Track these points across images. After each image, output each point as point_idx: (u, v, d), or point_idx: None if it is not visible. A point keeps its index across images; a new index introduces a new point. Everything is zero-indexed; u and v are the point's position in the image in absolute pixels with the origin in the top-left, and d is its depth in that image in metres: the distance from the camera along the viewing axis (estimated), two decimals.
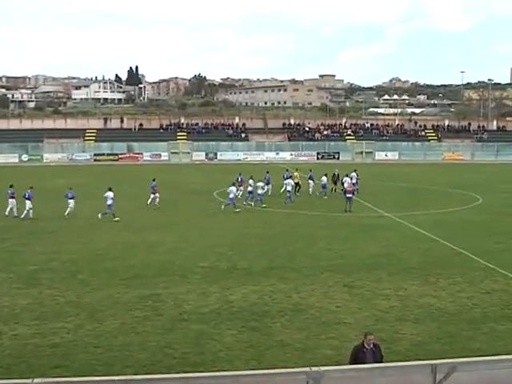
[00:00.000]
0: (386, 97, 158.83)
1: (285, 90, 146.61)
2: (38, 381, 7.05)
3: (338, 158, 73.02)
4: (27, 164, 66.83)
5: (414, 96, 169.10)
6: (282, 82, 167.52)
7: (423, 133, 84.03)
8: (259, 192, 34.03)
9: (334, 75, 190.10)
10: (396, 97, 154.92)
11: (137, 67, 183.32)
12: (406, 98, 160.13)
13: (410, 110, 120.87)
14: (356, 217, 30.45)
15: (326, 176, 38.57)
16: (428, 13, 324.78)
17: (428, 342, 13.52)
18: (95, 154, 71.56)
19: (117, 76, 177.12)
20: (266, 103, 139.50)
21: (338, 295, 16.91)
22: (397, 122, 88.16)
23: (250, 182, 35.12)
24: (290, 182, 36.11)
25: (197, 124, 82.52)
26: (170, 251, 22.47)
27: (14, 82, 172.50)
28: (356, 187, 37.35)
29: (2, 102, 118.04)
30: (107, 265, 20.28)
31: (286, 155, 73.80)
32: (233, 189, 32.32)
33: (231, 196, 31.87)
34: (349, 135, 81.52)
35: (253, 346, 13.24)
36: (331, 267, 19.97)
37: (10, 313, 15.34)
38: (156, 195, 33.53)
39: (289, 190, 35.44)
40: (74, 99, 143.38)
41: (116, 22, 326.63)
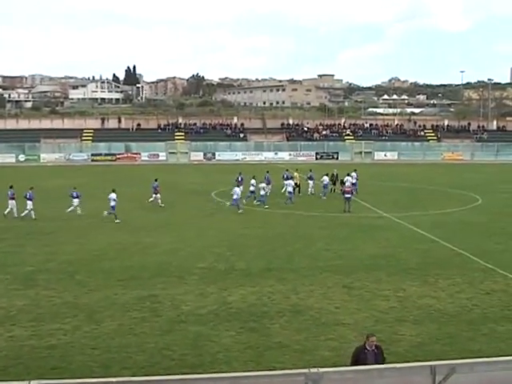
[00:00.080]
0: (386, 97, 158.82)
1: (283, 90, 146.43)
2: (34, 383, 7.01)
3: (337, 158, 72.95)
4: (24, 164, 66.69)
5: (414, 96, 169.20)
6: (280, 81, 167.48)
7: (422, 133, 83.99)
8: (262, 193, 33.90)
9: (332, 75, 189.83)
10: (395, 97, 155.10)
11: (134, 67, 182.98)
12: (406, 97, 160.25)
13: (409, 110, 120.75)
14: (355, 217, 30.39)
15: (327, 176, 38.53)
16: (428, 12, 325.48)
17: (427, 343, 13.45)
18: (92, 154, 71.37)
19: (114, 76, 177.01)
20: (264, 103, 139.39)
21: (336, 296, 16.84)
22: (396, 122, 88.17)
23: (252, 181, 35.03)
24: (290, 182, 35.98)
25: (195, 124, 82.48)
26: (168, 252, 22.39)
27: (11, 82, 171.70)
28: (355, 187, 37.33)
29: None
30: (105, 265, 20.19)
31: (284, 155, 73.69)
32: (237, 190, 32.24)
33: (235, 197, 31.71)
34: (348, 135, 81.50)
35: (251, 347, 13.16)
36: (330, 268, 19.91)
37: (7, 314, 15.24)
38: (157, 196, 33.52)
39: (290, 190, 35.29)
40: (72, 99, 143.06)
41: (113, 22, 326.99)
